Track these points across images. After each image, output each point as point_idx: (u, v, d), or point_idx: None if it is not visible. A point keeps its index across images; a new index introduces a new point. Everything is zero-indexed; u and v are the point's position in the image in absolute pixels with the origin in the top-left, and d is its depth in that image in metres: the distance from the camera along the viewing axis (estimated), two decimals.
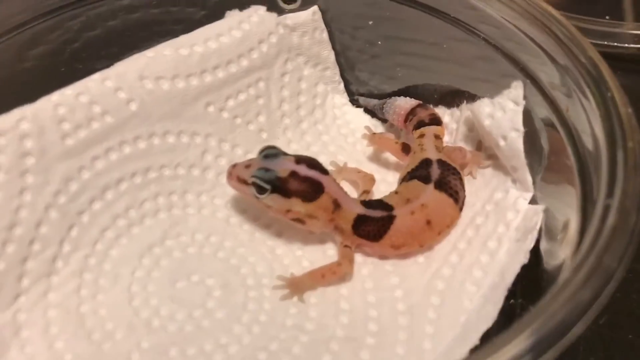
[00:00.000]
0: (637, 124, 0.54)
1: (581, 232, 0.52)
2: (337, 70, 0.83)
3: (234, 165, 0.65)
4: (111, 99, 0.65)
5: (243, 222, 0.70)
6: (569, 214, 0.56)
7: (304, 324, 0.61)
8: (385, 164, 0.78)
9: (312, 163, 0.65)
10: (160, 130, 0.68)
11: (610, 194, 0.47)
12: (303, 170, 0.64)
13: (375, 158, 0.79)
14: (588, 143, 0.55)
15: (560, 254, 0.57)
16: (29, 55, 0.77)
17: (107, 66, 0.77)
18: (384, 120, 0.83)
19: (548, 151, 0.64)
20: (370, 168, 0.78)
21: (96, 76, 0.65)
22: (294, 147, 0.78)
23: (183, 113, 0.69)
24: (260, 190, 0.63)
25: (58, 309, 0.60)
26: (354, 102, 0.85)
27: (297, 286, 0.64)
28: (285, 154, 0.66)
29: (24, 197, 0.59)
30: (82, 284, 0.62)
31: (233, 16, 0.75)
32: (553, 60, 0.62)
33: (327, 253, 0.68)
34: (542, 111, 0.64)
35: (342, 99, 0.84)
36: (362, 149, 0.80)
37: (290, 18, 0.77)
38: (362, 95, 0.85)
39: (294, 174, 0.63)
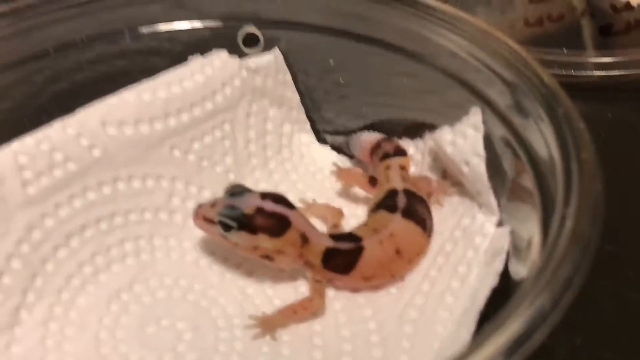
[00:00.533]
0: (591, 141, 0.55)
1: (542, 245, 0.52)
2: (302, 111, 0.84)
3: (200, 206, 0.65)
4: (73, 146, 0.64)
5: (212, 264, 0.69)
6: (532, 231, 0.57)
7: None
8: (354, 199, 0.79)
9: (278, 198, 0.66)
10: (124, 175, 0.68)
11: (566, 203, 0.47)
12: (269, 205, 0.64)
13: (344, 193, 0.79)
14: (545, 161, 0.56)
15: (524, 272, 0.58)
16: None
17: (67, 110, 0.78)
18: (350, 156, 0.84)
19: (511, 173, 0.65)
20: (339, 203, 0.78)
21: (57, 124, 0.65)
22: (262, 186, 0.78)
23: (148, 157, 0.69)
24: (227, 227, 0.63)
25: None
26: (321, 140, 0.86)
27: (269, 324, 0.63)
28: (250, 191, 0.66)
29: None
30: (47, 334, 0.60)
31: (195, 61, 0.76)
32: (506, 83, 0.63)
33: (299, 290, 0.68)
34: (501, 134, 0.65)
35: (309, 137, 0.84)
36: (330, 185, 0.80)
37: (253, 61, 0.78)
38: (328, 133, 0.86)
39: (259, 210, 0.63)
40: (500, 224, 0.66)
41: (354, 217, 0.76)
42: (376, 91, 0.83)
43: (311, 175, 0.81)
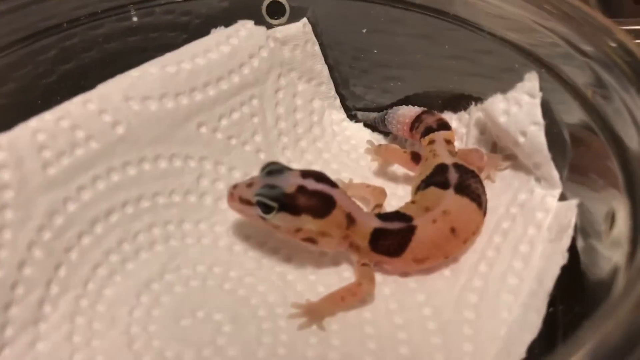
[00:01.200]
0: None
1: (633, 225, 0.46)
2: (331, 85, 0.79)
3: (235, 186, 0.60)
4: (95, 122, 0.59)
5: (248, 249, 0.64)
6: (612, 203, 0.51)
7: (328, 354, 0.55)
8: (394, 178, 0.73)
9: (320, 176, 0.60)
10: (150, 155, 0.62)
11: None
12: (311, 184, 0.58)
13: (382, 172, 0.74)
14: (624, 129, 0.50)
15: (605, 253, 0.52)
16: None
17: (106, 74, 0.73)
18: (386, 134, 0.79)
19: (572, 143, 0.60)
20: (378, 183, 0.72)
21: (77, 99, 0.59)
22: (294, 167, 0.72)
23: (174, 135, 0.64)
24: (267, 209, 0.57)
25: None
26: (352, 118, 0.81)
27: (315, 313, 0.57)
28: (289, 169, 0.60)
29: (3, 235, 0.53)
30: (74, 329, 0.55)
31: (219, 32, 0.70)
32: (570, 44, 0.58)
33: (343, 275, 0.62)
34: (560, 100, 0.60)
35: (340, 114, 0.79)
36: (366, 164, 0.75)
37: (280, 31, 0.73)
38: (359, 110, 0.81)
39: (301, 189, 0.58)
40: (563, 197, 0.60)
41: (395, 197, 0.71)
42: (411, 61, 0.77)
43: (345, 154, 0.76)
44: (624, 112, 0.52)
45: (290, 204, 0.57)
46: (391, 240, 0.59)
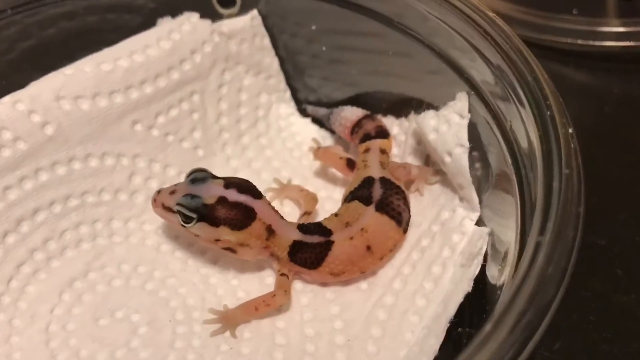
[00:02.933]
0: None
1: (517, 263, 0.48)
2: (282, 78, 0.79)
3: (159, 192, 0.61)
4: (23, 123, 0.60)
5: (175, 249, 0.66)
6: (509, 240, 0.52)
7: None
8: (333, 180, 0.74)
9: (244, 186, 0.61)
10: (80, 154, 0.63)
11: (542, 230, 0.43)
12: (233, 195, 0.60)
13: (323, 173, 0.75)
14: (528, 165, 0.51)
15: (501, 281, 0.54)
16: None
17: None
18: (332, 131, 0.79)
19: (496, 168, 0.60)
20: (316, 184, 0.73)
21: (6, 99, 0.60)
22: (233, 164, 0.73)
23: (106, 134, 0.65)
24: (186, 219, 0.59)
25: None
26: (302, 112, 0.81)
27: (230, 320, 0.60)
28: (214, 177, 0.61)
29: None
30: None
31: (164, 24, 0.70)
32: (497, 74, 0.57)
33: (265, 281, 0.64)
34: (489, 124, 0.60)
35: (288, 108, 0.79)
36: (308, 163, 0.75)
37: (226, 25, 0.72)
38: (310, 103, 0.81)
39: (222, 200, 0.59)
40: (481, 221, 0.61)
41: (330, 200, 0.72)
42: (361, 61, 0.76)
43: (288, 151, 0.76)
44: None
45: (209, 215, 0.59)
46: (309, 253, 0.60)
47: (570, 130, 0.48)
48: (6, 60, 0.73)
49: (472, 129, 0.61)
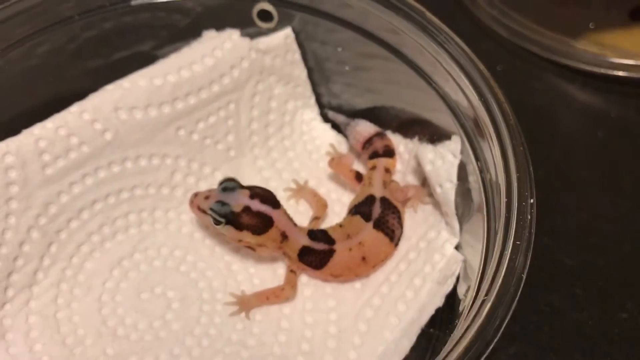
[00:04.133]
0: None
1: (479, 282, 0.60)
2: (308, 87, 0.89)
3: (196, 194, 0.73)
4: (88, 130, 0.72)
5: (205, 237, 0.79)
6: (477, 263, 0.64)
7: (247, 340, 0.71)
8: (343, 184, 0.86)
9: (266, 197, 0.73)
10: (132, 155, 0.76)
11: (487, 292, 0.55)
12: (256, 205, 0.72)
13: (335, 177, 0.86)
14: (496, 218, 0.62)
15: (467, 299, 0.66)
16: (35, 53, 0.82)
17: (101, 65, 0.85)
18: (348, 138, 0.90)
19: (477, 204, 0.71)
20: (329, 186, 0.85)
21: (74, 108, 0.72)
22: (260, 164, 0.85)
23: (155, 138, 0.76)
24: (216, 221, 0.71)
25: (38, 315, 0.70)
26: (323, 117, 0.91)
27: (246, 304, 0.73)
28: (242, 186, 0.74)
29: (8, 221, 0.68)
30: (59, 293, 0.72)
31: (208, 39, 0.80)
32: (484, 126, 0.67)
33: (277, 272, 0.77)
34: (472, 168, 0.70)
35: (312, 113, 0.89)
36: (324, 166, 0.86)
37: (263, 42, 0.82)
38: (332, 109, 0.91)
39: (246, 209, 0.71)
40: (459, 246, 0.73)
41: (339, 203, 0.84)
42: (379, 78, 0.86)
43: (308, 154, 0.87)
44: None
45: (235, 220, 0.71)
46: (314, 257, 0.73)
47: (531, 201, 0.59)
48: (70, 48, 0.85)
49: (462, 166, 0.72)
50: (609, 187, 0.89)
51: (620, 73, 0.97)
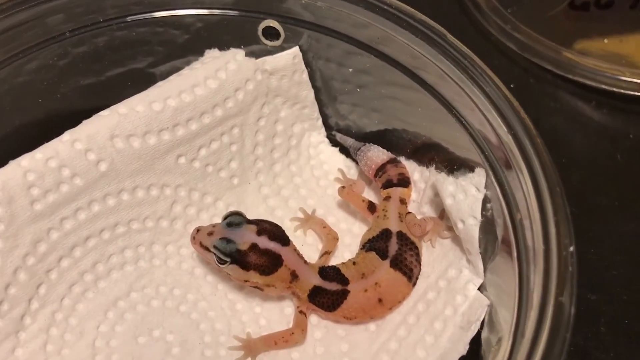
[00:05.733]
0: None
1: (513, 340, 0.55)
2: (315, 108, 0.83)
3: (198, 230, 0.68)
4: (81, 161, 0.66)
5: (207, 273, 0.73)
6: (505, 328, 0.59)
7: None
8: (353, 213, 0.80)
9: (274, 233, 0.68)
10: (129, 186, 0.70)
11: (529, 355, 0.50)
12: (264, 242, 0.66)
13: (345, 205, 0.81)
14: (531, 272, 0.57)
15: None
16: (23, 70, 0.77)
17: (95, 83, 0.79)
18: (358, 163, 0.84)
19: (501, 239, 0.66)
20: (338, 215, 0.80)
21: (66, 137, 0.66)
22: (265, 192, 0.80)
23: (153, 167, 0.71)
24: (221, 260, 0.66)
25: None
26: (331, 139, 0.86)
27: (252, 349, 0.68)
28: (248, 221, 0.68)
29: None
30: (48, 339, 0.66)
31: (210, 59, 0.75)
32: (514, 162, 0.62)
33: (285, 312, 0.72)
34: (500, 205, 0.65)
35: (319, 136, 0.84)
36: (333, 193, 0.81)
37: (269, 63, 0.77)
38: (340, 131, 0.86)
39: (254, 247, 0.66)
40: (483, 287, 0.68)
41: (349, 234, 0.78)
42: (390, 105, 0.81)
43: (315, 180, 0.82)
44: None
45: (241, 260, 0.66)
46: (327, 298, 0.68)
47: (571, 249, 0.54)
48: (60, 65, 0.79)
49: (485, 199, 0.67)
50: (631, 214, 0.85)
51: (636, 93, 0.93)
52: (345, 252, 0.76)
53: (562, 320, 0.50)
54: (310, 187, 0.81)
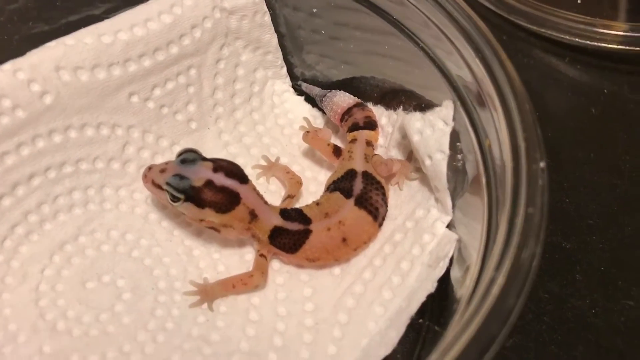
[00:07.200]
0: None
1: (481, 265, 0.52)
2: (279, 54, 0.80)
3: (150, 168, 0.64)
4: (23, 92, 0.62)
5: (162, 219, 0.69)
6: (473, 255, 0.56)
7: (210, 335, 0.62)
8: (319, 161, 0.77)
9: (231, 171, 0.64)
10: (77, 123, 0.66)
11: (499, 263, 0.46)
12: (220, 179, 0.63)
13: (310, 154, 0.78)
14: (500, 191, 0.54)
15: (462, 289, 0.58)
16: None
17: (47, 31, 0.76)
18: (324, 112, 0.81)
19: (471, 176, 0.63)
20: (303, 164, 0.77)
21: (7, 66, 0.62)
22: (225, 138, 0.76)
23: (103, 104, 0.67)
24: (174, 198, 0.62)
25: None
26: (297, 89, 0.82)
27: (208, 293, 0.64)
28: (204, 158, 0.64)
29: None
30: None
31: None
32: (483, 89, 0.59)
33: (245, 258, 0.68)
34: (469, 138, 0.62)
35: (284, 85, 0.81)
36: (297, 142, 0.78)
37: (229, 1, 0.73)
38: (305, 81, 0.82)
39: (209, 184, 0.62)
40: (452, 225, 0.65)
41: (315, 182, 0.75)
42: (360, 39, 0.77)
43: (279, 129, 0.79)
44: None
45: (195, 197, 0.62)
46: (288, 238, 0.64)
47: (541, 165, 0.51)
48: (11, 9, 0.75)
49: (454, 135, 0.64)
50: (607, 165, 0.83)
51: (610, 45, 0.91)
52: (309, 200, 0.73)
53: (531, 230, 0.47)
54: (273, 136, 0.78)
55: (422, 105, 0.69)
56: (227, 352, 0.61)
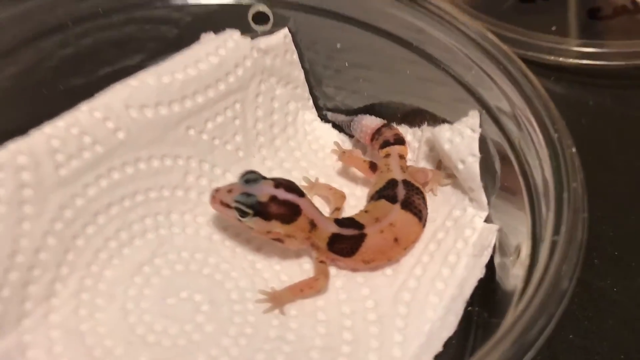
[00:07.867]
0: (578, 151, 0.62)
1: (532, 258, 0.59)
2: (306, 88, 0.89)
3: (217, 190, 0.70)
4: (100, 129, 0.68)
5: (225, 239, 0.75)
6: (520, 238, 0.64)
7: (286, 335, 0.68)
8: (354, 179, 0.85)
9: (290, 186, 0.71)
10: (145, 156, 0.72)
11: (556, 231, 0.54)
12: (282, 194, 0.70)
13: (344, 172, 0.85)
14: (537, 177, 0.62)
15: (513, 271, 0.65)
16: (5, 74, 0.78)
17: (84, 84, 0.82)
18: (350, 135, 0.89)
19: (501, 175, 0.72)
20: (339, 182, 0.84)
21: (84, 107, 0.68)
22: (268, 164, 0.83)
23: (166, 138, 0.74)
24: (243, 214, 0.69)
25: (60, 329, 0.64)
26: (323, 118, 0.91)
27: (278, 299, 0.70)
28: (264, 178, 0.71)
29: (23, 227, 0.63)
30: (80, 304, 0.66)
31: (208, 40, 0.79)
32: (506, 96, 0.69)
33: (303, 267, 0.75)
34: (496, 140, 0.71)
35: (312, 115, 0.89)
36: (331, 163, 0.86)
37: (263, 42, 0.82)
38: (329, 110, 0.91)
39: (273, 198, 0.69)
40: (489, 219, 0.73)
41: (353, 197, 0.82)
42: (377, 76, 0.87)
43: (314, 153, 0.86)
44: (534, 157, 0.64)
45: (262, 210, 0.69)
46: (345, 244, 0.71)
47: (573, 150, 0.60)
48: (48, 66, 0.81)
49: (483, 141, 0.73)
50: (603, 166, 0.92)
51: (589, 61, 1.03)
52: (351, 213, 0.80)
53: (577, 204, 0.55)
54: (310, 160, 0.86)
55: (447, 119, 0.78)
56: (304, 349, 0.66)
